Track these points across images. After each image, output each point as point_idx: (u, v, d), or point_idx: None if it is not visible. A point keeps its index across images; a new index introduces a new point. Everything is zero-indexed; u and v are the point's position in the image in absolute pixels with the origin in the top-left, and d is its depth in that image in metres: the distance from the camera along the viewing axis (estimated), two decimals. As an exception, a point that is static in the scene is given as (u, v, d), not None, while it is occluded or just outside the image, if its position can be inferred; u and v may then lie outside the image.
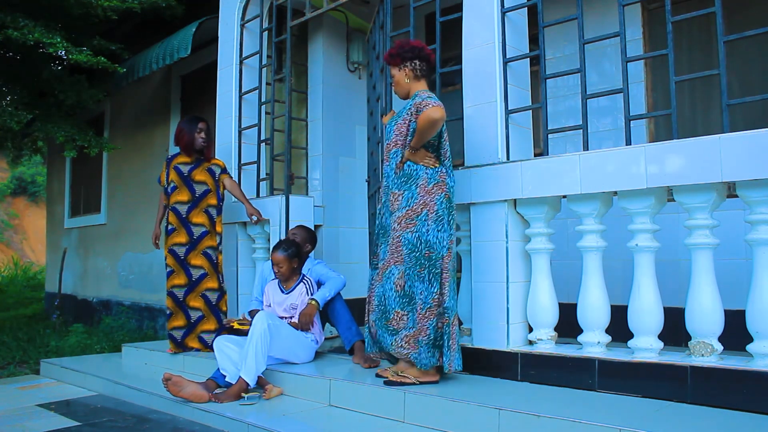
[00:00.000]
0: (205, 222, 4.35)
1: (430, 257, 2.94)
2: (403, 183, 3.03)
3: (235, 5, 5.09)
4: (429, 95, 3.01)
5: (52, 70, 6.72)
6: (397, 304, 2.99)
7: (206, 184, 4.39)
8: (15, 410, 3.65)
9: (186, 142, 4.37)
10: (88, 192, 9.01)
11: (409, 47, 3.12)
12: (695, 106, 4.10)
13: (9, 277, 15.38)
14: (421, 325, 2.94)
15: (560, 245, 3.40)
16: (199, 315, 4.31)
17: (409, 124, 3.05)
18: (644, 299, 2.71)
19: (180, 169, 4.37)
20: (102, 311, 8.10)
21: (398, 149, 3.08)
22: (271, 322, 3.45)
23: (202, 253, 4.32)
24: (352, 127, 5.59)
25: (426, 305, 2.94)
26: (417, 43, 3.16)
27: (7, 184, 26.01)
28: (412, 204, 2.99)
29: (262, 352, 3.35)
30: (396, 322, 2.99)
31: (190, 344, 4.30)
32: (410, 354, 2.96)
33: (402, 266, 3.00)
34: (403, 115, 3.10)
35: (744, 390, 2.35)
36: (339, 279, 3.95)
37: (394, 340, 2.99)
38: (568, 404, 2.54)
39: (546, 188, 2.96)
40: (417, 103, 3.01)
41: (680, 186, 2.58)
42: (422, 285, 2.94)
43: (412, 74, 3.13)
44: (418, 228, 2.96)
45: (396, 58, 3.13)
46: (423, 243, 2.95)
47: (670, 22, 2.78)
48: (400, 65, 3.13)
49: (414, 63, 3.12)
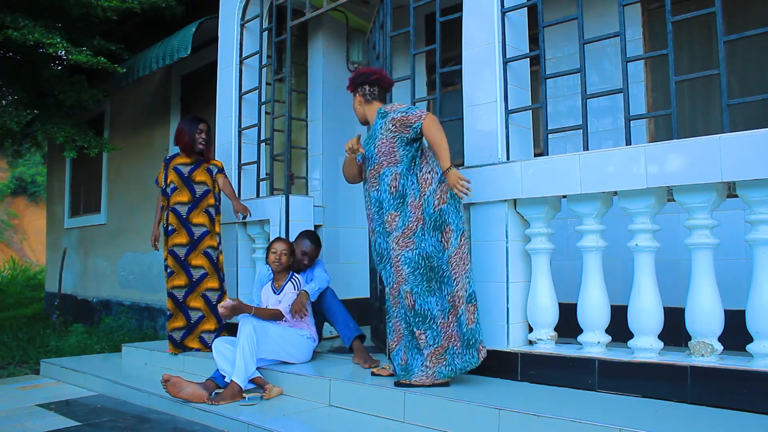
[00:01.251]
0: (205, 222, 4.35)
1: (432, 267, 2.95)
2: (399, 204, 3.02)
3: (235, 5, 5.09)
4: (399, 107, 3.06)
5: (52, 70, 6.73)
6: (414, 323, 2.96)
7: (206, 185, 4.40)
8: (15, 410, 3.65)
9: (186, 143, 4.37)
10: (88, 192, 9.01)
11: (357, 74, 3.24)
12: (695, 106, 4.09)
13: (9, 277, 15.38)
14: (448, 333, 2.93)
15: (560, 245, 3.40)
16: (200, 315, 4.31)
17: (393, 140, 3.03)
18: (644, 299, 2.71)
19: (180, 170, 4.37)
20: (102, 311, 8.10)
21: (386, 169, 3.05)
22: (256, 324, 3.46)
23: (203, 252, 4.32)
24: (352, 127, 5.57)
25: (445, 310, 2.94)
26: (368, 69, 3.27)
27: (7, 184, 26.01)
28: (407, 222, 2.99)
29: (249, 354, 3.37)
30: (421, 339, 2.95)
31: (190, 345, 4.30)
32: (436, 369, 2.93)
33: (406, 286, 2.97)
34: (378, 136, 3.08)
35: (744, 390, 2.35)
36: (325, 277, 4.01)
37: (423, 359, 2.95)
38: (568, 404, 2.54)
39: (546, 188, 2.96)
40: (397, 118, 3.01)
41: (680, 186, 2.58)
42: (434, 297, 2.94)
43: (363, 99, 3.24)
44: (416, 245, 2.96)
45: (351, 86, 3.27)
46: (424, 258, 2.95)
47: (670, 22, 2.78)
48: (354, 91, 3.26)
49: (364, 88, 3.22)
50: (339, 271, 4.74)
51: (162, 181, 4.45)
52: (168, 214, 4.34)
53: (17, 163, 24.27)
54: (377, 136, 3.09)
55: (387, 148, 3.05)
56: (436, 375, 2.93)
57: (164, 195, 4.43)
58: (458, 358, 2.92)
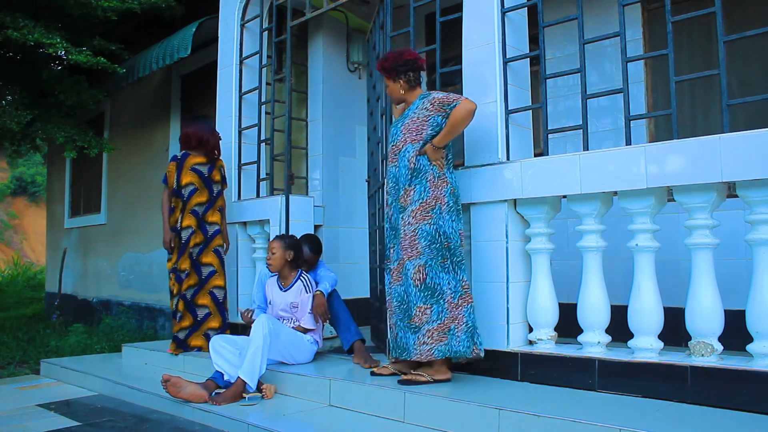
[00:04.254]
0: (218, 220, 4.40)
1: (450, 247, 2.98)
2: (414, 177, 3.06)
3: (235, 5, 5.10)
4: (447, 92, 3.07)
5: (52, 70, 6.72)
6: (418, 299, 2.96)
7: (220, 184, 4.47)
8: (15, 410, 3.65)
9: (212, 146, 4.43)
10: (88, 192, 9.01)
11: (403, 61, 3.17)
12: (695, 106, 4.09)
13: (9, 277, 15.38)
14: (454, 313, 2.93)
15: (560, 245, 3.40)
16: (206, 312, 4.32)
17: (426, 119, 3.05)
18: (644, 299, 2.71)
19: (200, 171, 4.35)
20: (102, 311, 8.10)
21: (409, 145, 3.08)
22: (272, 326, 3.45)
23: (213, 251, 4.35)
24: (352, 127, 5.59)
25: (457, 293, 2.95)
26: (409, 54, 3.20)
27: (7, 184, 26.01)
28: (425, 197, 3.02)
29: (263, 355, 3.35)
30: (419, 317, 2.95)
31: (193, 343, 4.29)
32: (434, 347, 2.92)
33: (419, 260, 2.97)
34: (410, 115, 3.12)
35: (744, 390, 2.35)
36: (333, 275, 4.00)
37: (416, 338, 2.95)
38: (568, 404, 2.54)
39: (546, 188, 2.96)
40: (438, 98, 3.05)
41: (680, 186, 2.58)
42: (448, 275, 2.96)
43: (407, 86, 3.21)
44: (434, 220, 2.99)
45: (392, 72, 3.20)
46: (441, 234, 2.97)
47: (670, 22, 2.78)
48: (395, 78, 3.20)
49: (408, 75, 3.19)
50: (339, 271, 4.71)
51: (174, 182, 4.34)
52: (185, 216, 4.28)
53: (17, 163, 24.28)
54: (408, 116, 3.13)
55: (416, 125, 3.08)
56: (434, 353, 2.92)
57: (177, 196, 4.32)
58: (456, 341, 2.92)
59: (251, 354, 3.32)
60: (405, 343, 3.01)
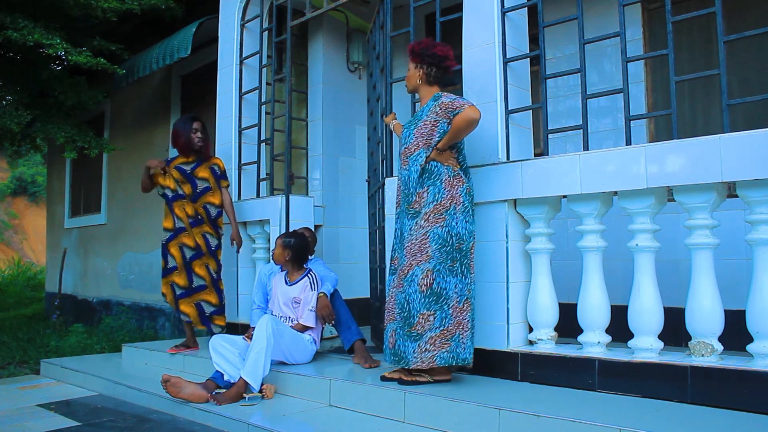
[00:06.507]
0: (202, 214, 4.35)
1: (461, 249, 2.93)
2: (427, 179, 3.01)
3: (235, 5, 5.10)
4: (456, 96, 3.02)
5: (51, 70, 6.72)
6: (422, 305, 2.90)
7: (208, 182, 4.39)
8: (15, 410, 3.65)
9: (183, 144, 4.35)
10: (88, 192, 9.01)
11: (431, 53, 3.10)
12: (695, 106, 4.09)
13: (9, 277, 15.39)
14: (459, 318, 2.90)
15: (560, 245, 3.40)
16: (202, 284, 4.33)
17: (435, 124, 3.02)
18: (644, 299, 2.71)
19: (182, 168, 4.36)
20: (102, 311, 8.11)
21: (421, 150, 3.03)
22: (276, 327, 3.45)
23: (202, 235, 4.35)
24: (352, 127, 5.59)
25: (462, 297, 2.92)
26: (443, 51, 3.11)
27: (7, 184, 26.01)
28: (440, 199, 2.96)
29: (266, 357, 3.34)
30: (421, 325, 2.89)
31: (183, 308, 4.30)
32: (436, 354, 2.87)
33: (428, 264, 2.91)
34: (423, 118, 3.07)
35: (744, 390, 2.35)
36: (333, 275, 3.99)
37: (417, 345, 2.90)
38: (568, 404, 2.54)
39: (546, 188, 2.96)
40: (445, 103, 3.00)
41: (680, 186, 2.58)
42: (455, 279, 2.91)
43: (425, 77, 3.14)
44: (447, 222, 2.94)
45: (417, 57, 3.13)
46: (453, 236, 2.93)
47: (670, 22, 2.78)
48: (418, 63, 3.14)
49: (431, 69, 3.12)
50: (339, 271, 4.70)
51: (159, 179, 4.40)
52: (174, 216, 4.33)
53: (17, 163, 24.29)
54: (422, 117, 3.08)
55: (427, 130, 3.03)
56: (436, 360, 2.87)
57: (165, 199, 4.39)
58: (462, 348, 2.89)
59: (254, 355, 3.31)
60: (403, 351, 2.94)
